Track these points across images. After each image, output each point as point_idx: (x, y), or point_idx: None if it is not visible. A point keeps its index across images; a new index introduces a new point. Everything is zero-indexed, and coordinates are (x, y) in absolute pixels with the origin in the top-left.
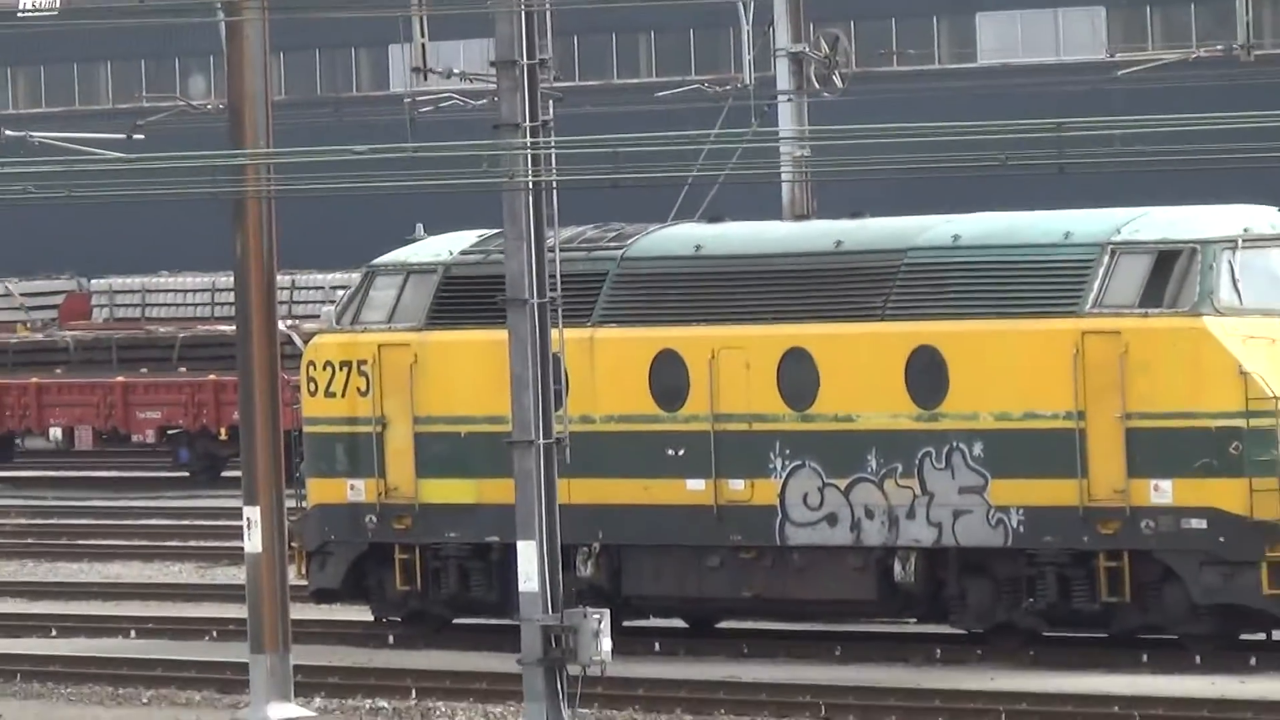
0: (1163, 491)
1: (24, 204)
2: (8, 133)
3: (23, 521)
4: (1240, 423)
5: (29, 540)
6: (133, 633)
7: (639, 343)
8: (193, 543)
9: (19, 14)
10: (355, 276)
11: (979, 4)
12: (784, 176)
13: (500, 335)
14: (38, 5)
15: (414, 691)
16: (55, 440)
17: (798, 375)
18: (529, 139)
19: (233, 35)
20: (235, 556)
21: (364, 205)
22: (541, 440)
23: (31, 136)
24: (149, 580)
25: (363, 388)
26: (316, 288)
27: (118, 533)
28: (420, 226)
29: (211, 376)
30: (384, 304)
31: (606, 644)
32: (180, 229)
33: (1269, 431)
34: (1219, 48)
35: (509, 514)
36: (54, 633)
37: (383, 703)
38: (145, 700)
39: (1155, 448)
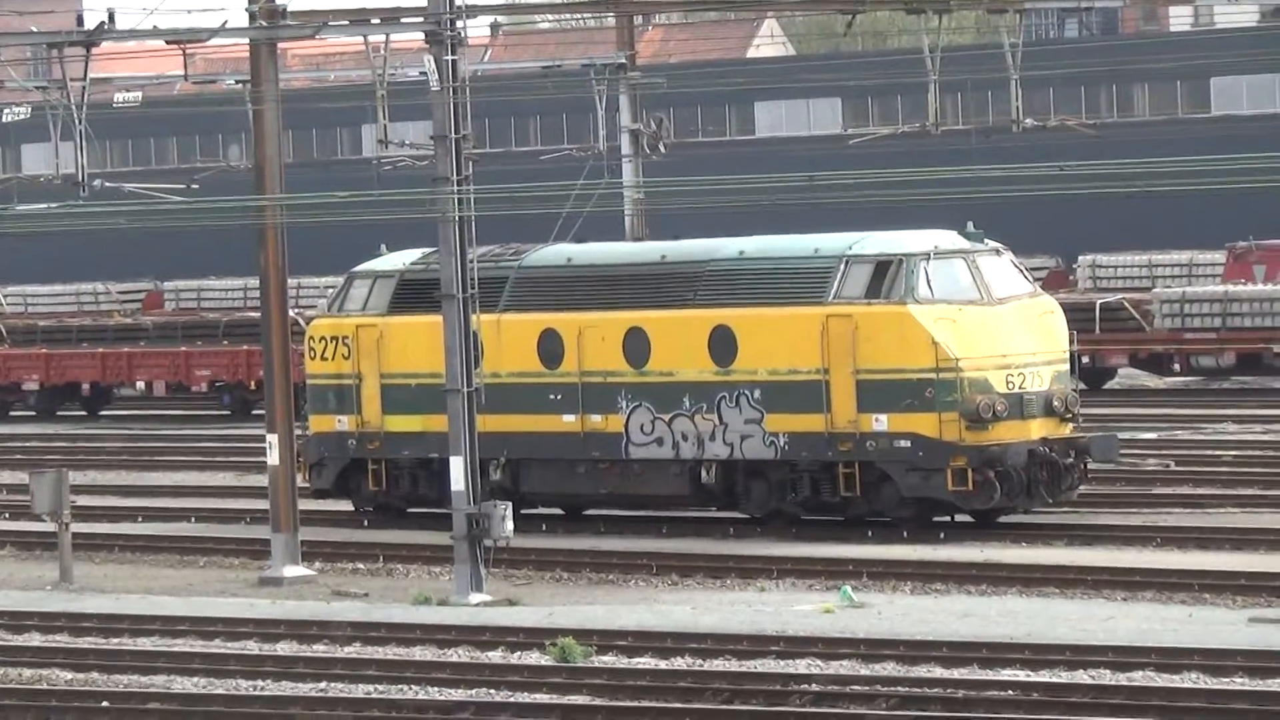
0: (881, 422)
1: (119, 229)
2: (106, 185)
3: (118, 444)
4: (931, 375)
5: (123, 456)
6: (192, 519)
7: (530, 324)
8: (232, 458)
9: (114, 105)
10: (340, 280)
11: (757, 95)
12: (626, 212)
13: (437, 319)
14: (125, 99)
15: (381, 557)
16: (139, 390)
17: (636, 345)
18: (455, 188)
19: (257, 118)
20: (261, 467)
21: (345, 231)
22: (465, 389)
23: (123, 186)
24: (203, 484)
25: (345, 354)
26: (314, 287)
27: (181, 451)
28: (384, 246)
29: (245, 347)
30: (359, 298)
31: (509, 526)
32: (223, 247)
33: (951, 381)
34: (917, 125)
35: (444, 438)
36: (139, 519)
37: (360, 565)
38: (201, 565)
39: (876, 393)
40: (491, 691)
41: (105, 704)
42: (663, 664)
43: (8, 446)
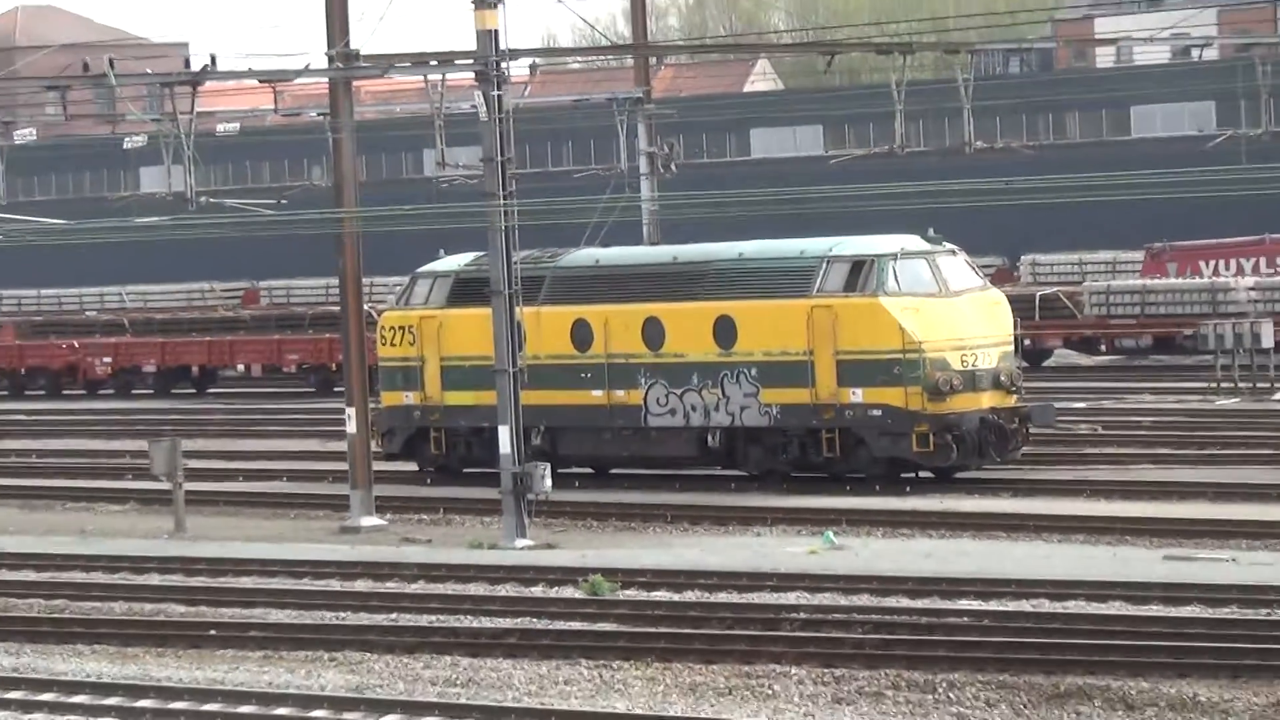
0: (857, 394)
1: (221, 237)
2: (210, 200)
3: (222, 417)
4: (899, 355)
5: (226, 427)
6: (284, 478)
7: (564, 315)
8: (317, 428)
9: (216, 134)
10: (406, 279)
11: (752, 123)
12: (643, 221)
13: (487, 311)
14: (225, 129)
15: (441, 510)
16: (239, 371)
17: (653, 332)
18: (501, 202)
19: (336, 145)
20: (341, 435)
21: (410, 239)
22: (511, 369)
23: (224, 202)
24: (292, 449)
25: (411, 341)
26: (384, 285)
27: (274, 422)
28: (442, 250)
29: (327, 335)
30: (422, 294)
31: (548, 483)
32: (309, 251)
33: (915, 360)
34: (885, 147)
35: (494, 410)
36: (240, 479)
37: (424, 516)
38: (292, 517)
39: (852, 370)
40: (533, 620)
41: (213, 632)
42: (676, 597)
43: (130, 419)
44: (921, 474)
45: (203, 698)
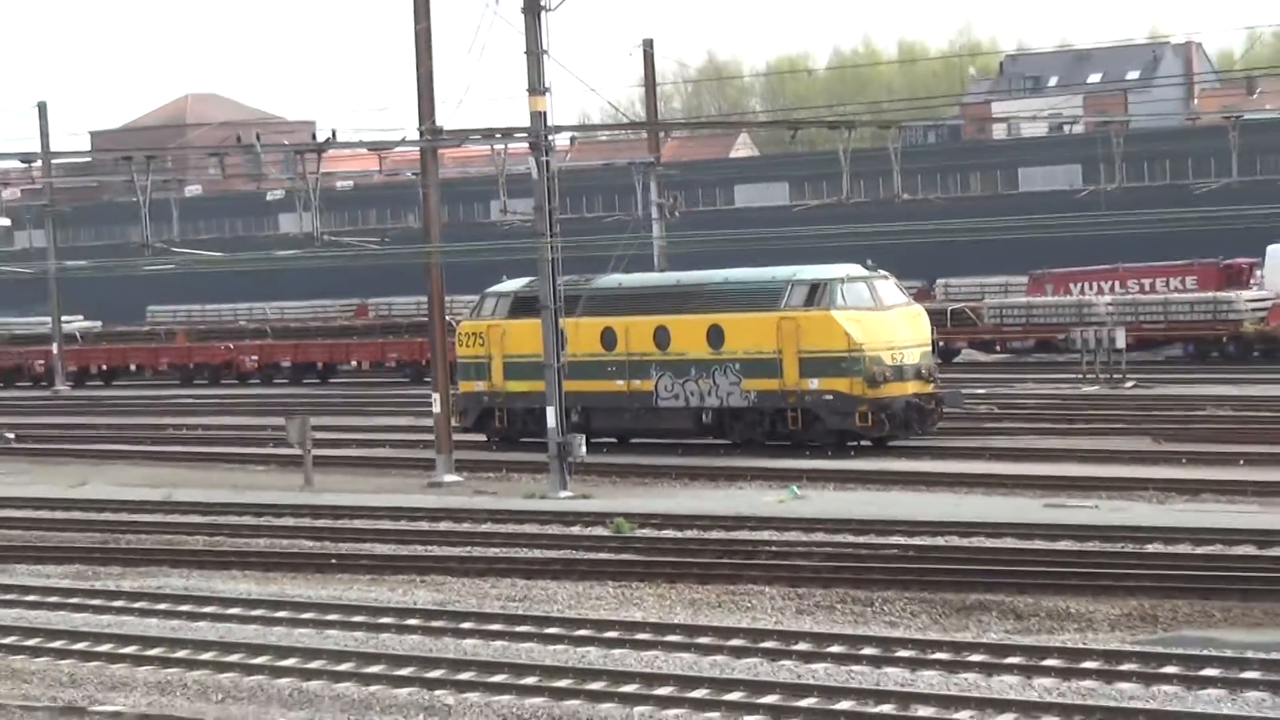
0: (814, 383)
1: (339, 266)
2: (330, 238)
3: (340, 400)
4: (845, 354)
5: (343, 407)
6: (387, 446)
7: (596, 324)
8: (411, 408)
9: (336, 188)
10: (477, 297)
11: (735, 181)
12: (654, 254)
13: (538, 321)
14: (343, 185)
15: (504, 469)
16: (353, 366)
17: (661, 336)
18: (549, 239)
19: (425, 196)
20: (429, 414)
21: (480, 267)
22: (556, 364)
23: (341, 239)
24: (392, 424)
25: (481, 343)
26: (462, 302)
27: (379, 404)
28: (505, 276)
29: (419, 339)
30: (490, 309)
31: (583, 450)
32: (405, 277)
33: (857, 358)
34: (834, 199)
35: (543, 394)
36: (353, 446)
37: (490, 474)
38: (392, 475)
39: (810, 365)
40: (572, 551)
41: (333, 561)
42: (679, 534)
43: (271, 402)
44: (862, 442)
45: (324, 610)
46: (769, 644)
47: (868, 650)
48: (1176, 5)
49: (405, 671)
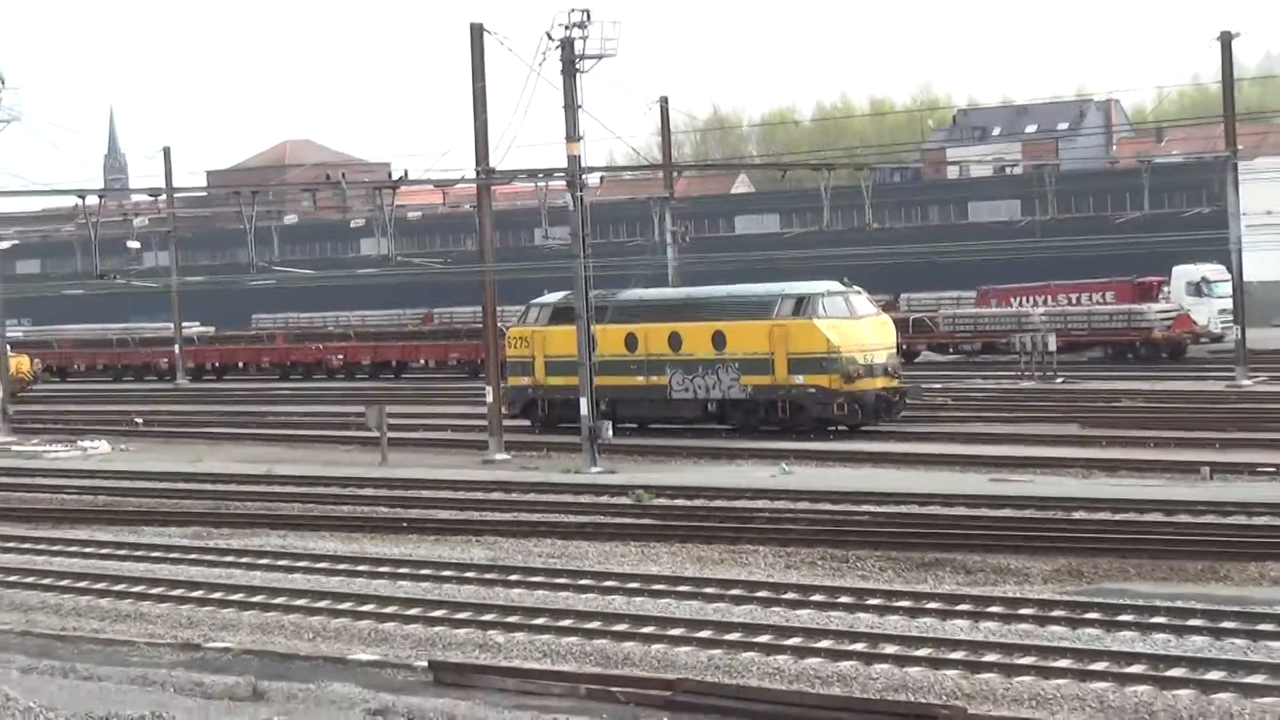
0: (800, 379)
1: (410, 281)
2: (401, 259)
3: (410, 391)
4: (825, 355)
5: (413, 397)
6: (449, 430)
7: (621, 329)
8: (468, 399)
9: (407, 218)
10: (523, 307)
11: (736, 212)
12: (668, 273)
13: (573, 327)
14: (413, 216)
15: (545, 449)
16: (421, 364)
17: (675, 340)
18: (582, 260)
19: (480, 224)
20: (484, 403)
21: (526, 282)
22: (588, 362)
23: (412, 260)
24: (454, 412)
25: (526, 346)
26: (511, 311)
27: (442, 396)
28: (545, 290)
29: (475, 342)
30: (534, 317)
31: (610, 433)
32: (464, 290)
33: (835, 358)
34: (816, 227)
35: (576, 387)
36: (419, 430)
37: (533, 453)
38: (454, 453)
39: (797, 364)
40: (601, 517)
41: (404, 524)
42: (689, 503)
43: (354, 393)
44: (840, 428)
45: (397, 564)
46: (762, 593)
47: (844, 599)
48: (1099, 67)
49: (463, 615)
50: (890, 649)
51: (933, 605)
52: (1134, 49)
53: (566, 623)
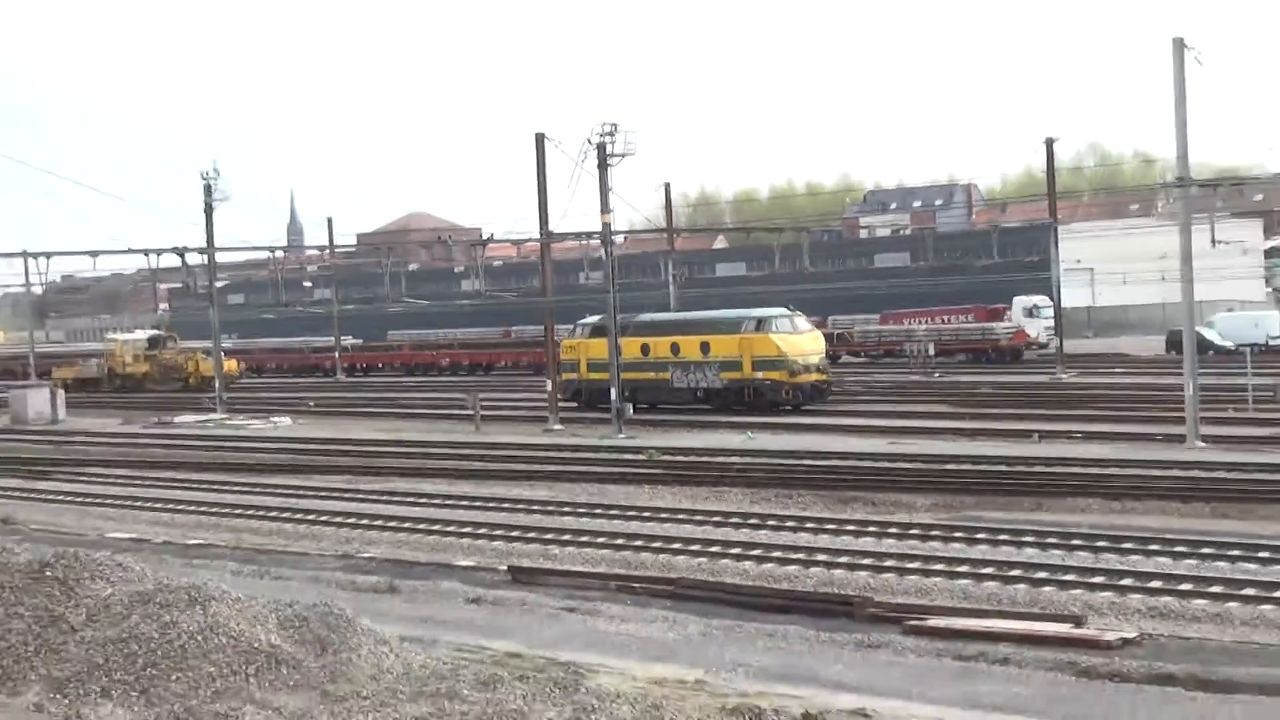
0: (759, 375)
1: (494, 308)
2: (489, 293)
3: (497, 382)
4: (776, 358)
5: (497, 385)
6: (521, 409)
7: (638, 341)
8: (534, 387)
9: (492, 265)
10: (571, 326)
11: (717, 260)
12: (670, 303)
13: (605, 339)
14: (497, 263)
15: (587, 421)
16: (503, 365)
17: (675, 348)
18: (612, 294)
19: (542, 269)
20: (545, 390)
21: (573, 308)
22: (615, 362)
23: (496, 293)
24: (525, 397)
25: (574, 352)
26: (564, 328)
27: (516, 385)
28: (587, 314)
29: (539, 350)
30: (579, 332)
31: (631, 411)
32: (531, 314)
33: (785, 360)
34: (768, 271)
35: (607, 380)
36: (501, 408)
37: (578, 425)
38: (523, 425)
39: (759, 364)
40: (624, 468)
41: (491, 472)
42: (685, 458)
43: (456, 384)
44: (786, 408)
45: (486, 501)
46: (734, 520)
47: (790, 523)
48: (963, 160)
49: (531, 535)
50: (821, 557)
51: (850, 528)
52: (987, 148)
53: (601, 540)
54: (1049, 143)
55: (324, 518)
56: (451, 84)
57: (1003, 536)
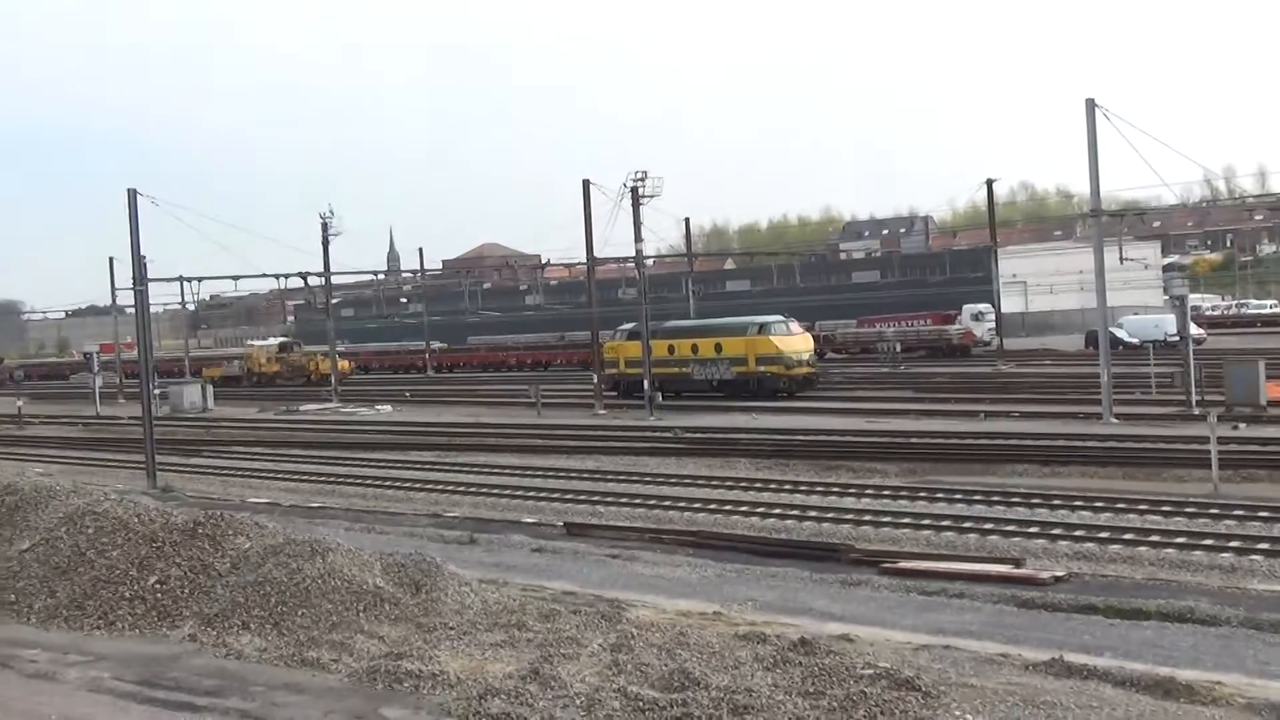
0: (763, 368)
1: (549, 317)
2: (545, 305)
3: (555, 376)
4: (775, 355)
5: (554, 379)
6: (572, 397)
7: (665, 343)
8: (583, 380)
9: (549, 283)
10: (612, 331)
11: (727, 279)
12: (690, 312)
13: (639, 341)
14: (553, 282)
15: (625, 407)
16: (559, 363)
17: (695, 349)
18: (644, 305)
19: (589, 289)
20: (592, 383)
21: (615, 317)
22: (647, 360)
23: (553, 306)
24: (575, 388)
25: (615, 352)
26: (607, 333)
27: (569, 379)
28: (625, 323)
29: (587, 351)
30: (619, 336)
31: (660, 398)
32: (580, 322)
33: (783, 356)
34: (768, 286)
35: (641, 374)
36: (557, 396)
37: (619, 410)
38: (574, 410)
39: (761, 360)
40: (655, 443)
41: (550, 446)
42: (704, 436)
43: (522, 378)
44: (783, 395)
45: (545, 470)
46: (743, 484)
47: (787, 487)
48: (922, 195)
49: (582, 497)
50: (812, 514)
51: (835, 489)
52: (941, 185)
53: (637, 501)
54: (989, 182)
55: (417, 485)
56: (512, 137)
57: (957, 496)
